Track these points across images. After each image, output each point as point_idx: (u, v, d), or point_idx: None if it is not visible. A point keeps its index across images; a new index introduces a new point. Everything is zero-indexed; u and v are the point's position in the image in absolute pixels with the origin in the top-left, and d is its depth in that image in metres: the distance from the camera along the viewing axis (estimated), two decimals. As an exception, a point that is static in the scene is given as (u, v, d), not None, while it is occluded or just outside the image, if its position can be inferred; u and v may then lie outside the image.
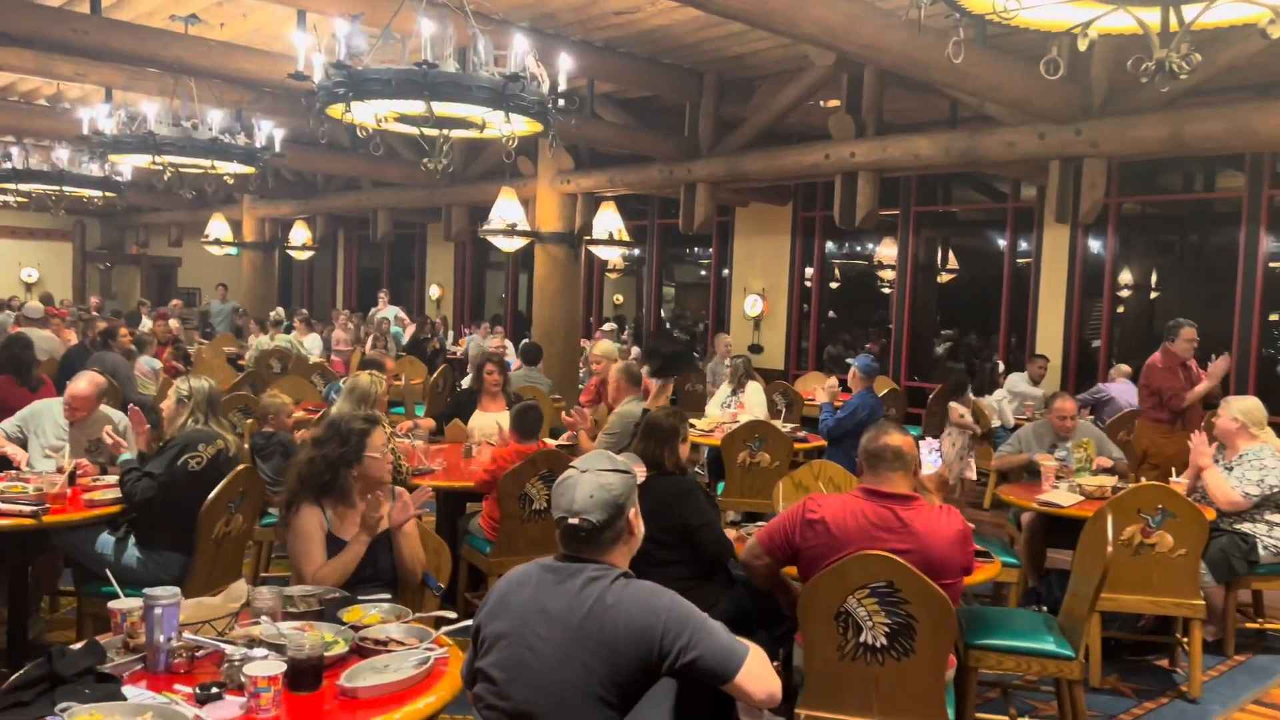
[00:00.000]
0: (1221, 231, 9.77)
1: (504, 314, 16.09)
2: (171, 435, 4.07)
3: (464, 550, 4.85)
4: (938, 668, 3.02)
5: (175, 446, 3.98)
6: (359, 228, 17.17)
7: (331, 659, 2.39)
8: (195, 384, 4.19)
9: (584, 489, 2.22)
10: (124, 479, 3.95)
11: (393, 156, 11.26)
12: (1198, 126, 5.98)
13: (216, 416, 4.21)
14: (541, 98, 4.68)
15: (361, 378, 5.23)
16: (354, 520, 3.21)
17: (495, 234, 9.41)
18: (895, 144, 7.50)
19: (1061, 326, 9.73)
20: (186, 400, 4.12)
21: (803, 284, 12.19)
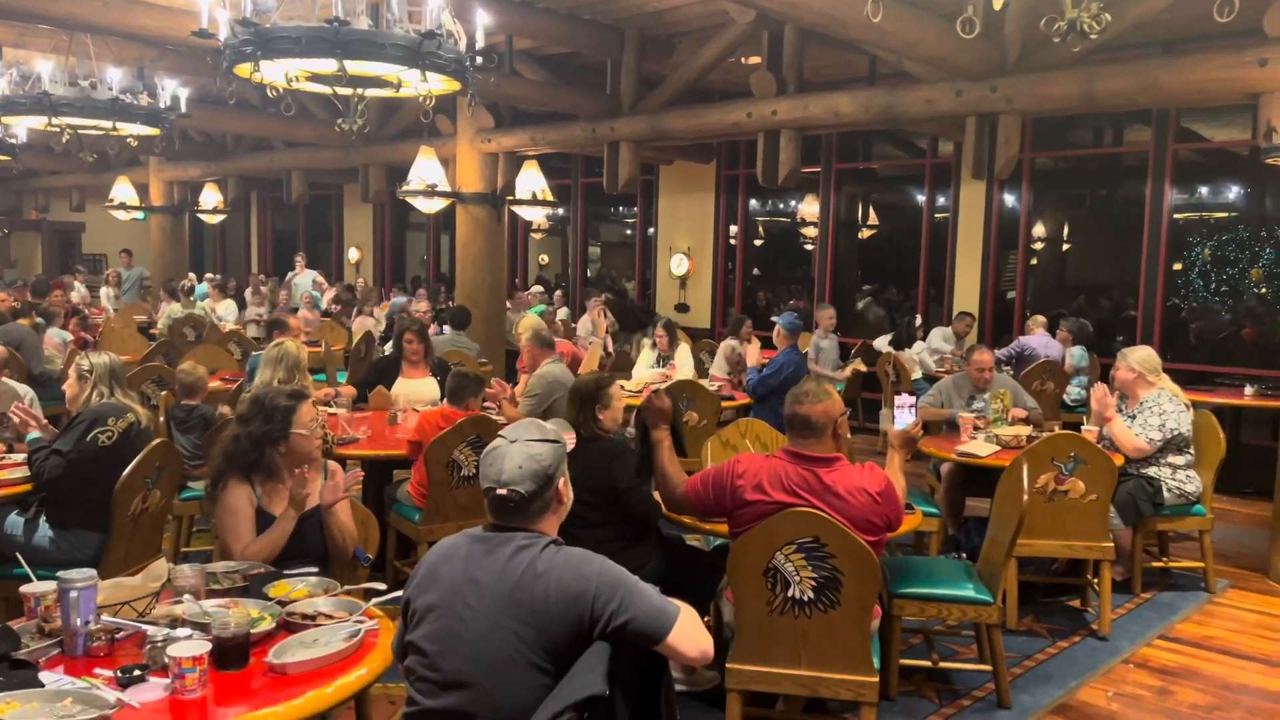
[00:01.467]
0: (1129, 185, 10.06)
1: (425, 277, 15.84)
2: (78, 411, 3.94)
3: (392, 519, 4.80)
4: (863, 618, 3.10)
5: (83, 421, 3.85)
6: (272, 189, 16.70)
7: (258, 635, 2.36)
8: (95, 359, 4.05)
9: (513, 459, 2.20)
10: (32, 457, 3.81)
11: (305, 116, 10.92)
12: (1107, 83, 6.12)
13: (123, 389, 4.08)
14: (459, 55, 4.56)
15: (288, 344, 5.11)
16: (284, 496, 3.15)
17: (415, 195, 9.21)
18: (816, 102, 7.53)
19: (978, 280, 9.97)
20: (88, 375, 3.98)
21: (727, 242, 12.24)
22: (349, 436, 4.93)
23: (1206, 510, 5.10)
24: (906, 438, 3.66)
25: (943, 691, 3.93)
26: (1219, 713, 3.84)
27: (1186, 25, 6.87)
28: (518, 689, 2.07)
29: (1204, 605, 5.01)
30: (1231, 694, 4.01)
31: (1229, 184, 10.41)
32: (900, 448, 3.64)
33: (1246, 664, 4.31)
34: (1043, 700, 3.89)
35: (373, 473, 5.33)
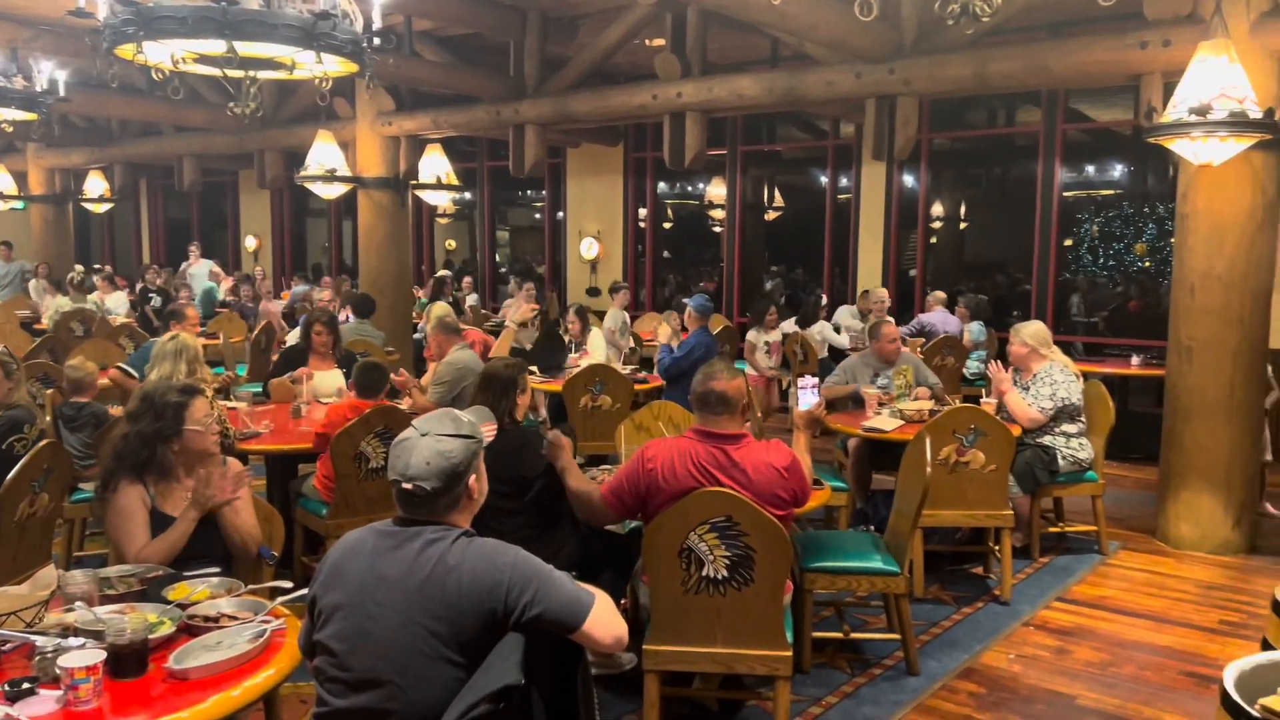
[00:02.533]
0: (1021, 164, 10.42)
1: (328, 264, 15.46)
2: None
3: (298, 514, 4.68)
4: (776, 594, 3.15)
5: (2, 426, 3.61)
6: (163, 177, 16.02)
7: (157, 640, 2.28)
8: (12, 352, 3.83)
9: (421, 454, 2.15)
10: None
11: (196, 99, 10.51)
12: (999, 65, 6.30)
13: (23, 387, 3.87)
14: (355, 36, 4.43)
15: (184, 335, 4.92)
16: (180, 495, 3.03)
17: (313, 180, 8.94)
18: (720, 84, 7.57)
19: (881, 258, 10.20)
20: (14, 371, 3.74)
21: (637, 225, 12.25)
22: (251, 431, 4.78)
23: (1098, 476, 5.33)
24: (810, 417, 3.74)
25: (854, 661, 4.03)
26: (1112, 669, 4.02)
27: (1073, 9, 7.11)
28: (431, 684, 2.04)
29: (1097, 567, 5.24)
30: (1124, 650, 4.20)
31: (1114, 162, 10.88)
32: (805, 427, 3.72)
33: (1137, 621, 4.53)
34: (949, 665, 4.02)
35: (277, 467, 5.19)
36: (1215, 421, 5.43)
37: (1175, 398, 5.61)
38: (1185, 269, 5.50)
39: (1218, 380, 5.41)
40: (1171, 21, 5.50)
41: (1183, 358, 5.53)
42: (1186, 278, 5.49)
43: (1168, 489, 5.66)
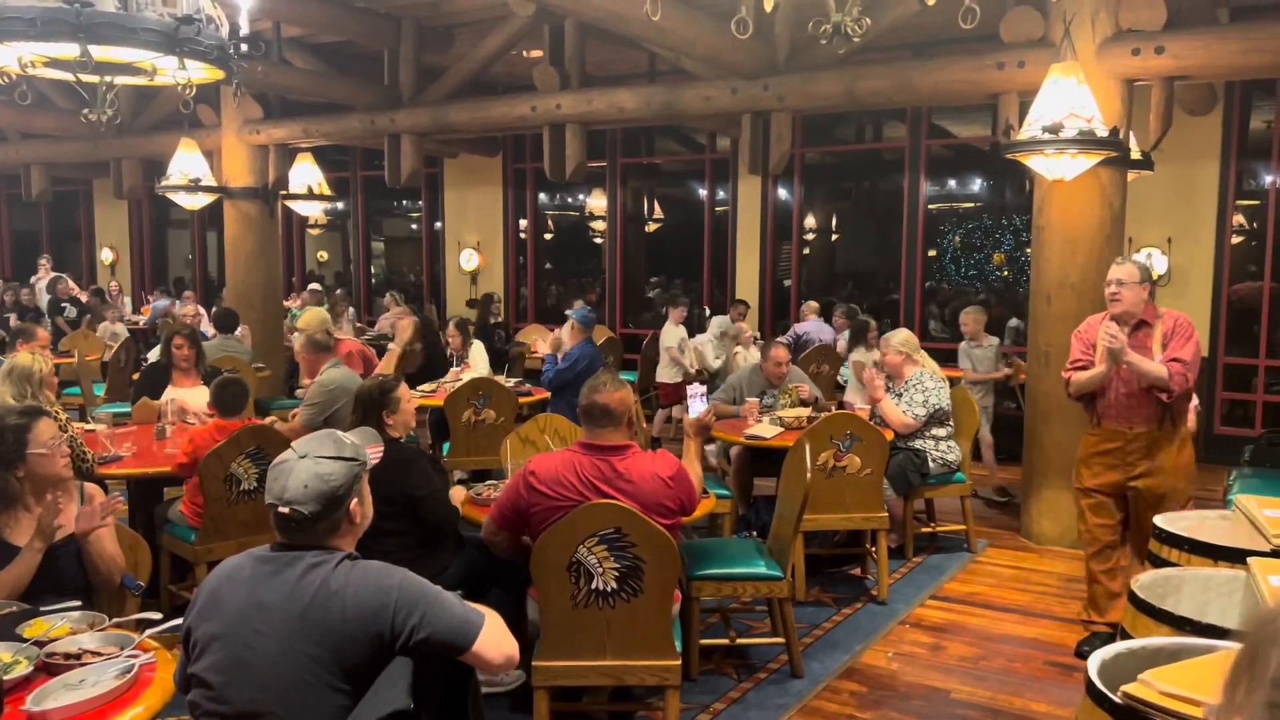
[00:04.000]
0: (889, 178, 10.83)
1: (191, 278, 14.81)
2: None
3: (165, 540, 4.46)
4: (664, 604, 3.17)
5: None
6: (8, 185, 15.05)
7: (12, 681, 2.13)
8: None
9: (298, 477, 2.07)
10: None
11: (44, 104, 9.93)
12: (867, 83, 6.53)
13: None
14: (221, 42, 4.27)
15: (20, 356, 4.60)
16: (30, 524, 2.84)
17: (175, 190, 8.54)
18: (599, 97, 7.61)
19: (757, 269, 10.42)
20: None
21: (518, 236, 12.18)
22: (111, 454, 4.53)
23: (966, 477, 5.57)
24: (700, 425, 3.77)
25: (740, 667, 4.09)
26: (984, 662, 4.20)
27: (936, 30, 7.44)
28: (314, 714, 1.97)
29: (968, 564, 5.47)
30: (994, 644, 4.40)
31: (975, 177, 11.43)
32: (695, 435, 3.76)
33: (1006, 615, 4.74)
34: (832, 666, 4.12)
35: (141, 492, 4.93)
36: (1072, 422, 5.72)
37: (1035, 400, 5.92)
38: (1042, 279, 5.81)
39: (1072, 383, 5.73)
40: (1025, 44, 5.82)
41: (1041, 362, 5.84)
42: (1043, 287, 5.80)
43: (1030, 487, 5.96)
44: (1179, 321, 3.97)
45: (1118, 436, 4.04)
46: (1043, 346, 5.81)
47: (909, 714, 3.75)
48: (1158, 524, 3.07)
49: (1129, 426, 4.01)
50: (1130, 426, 4.01)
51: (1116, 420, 4.03)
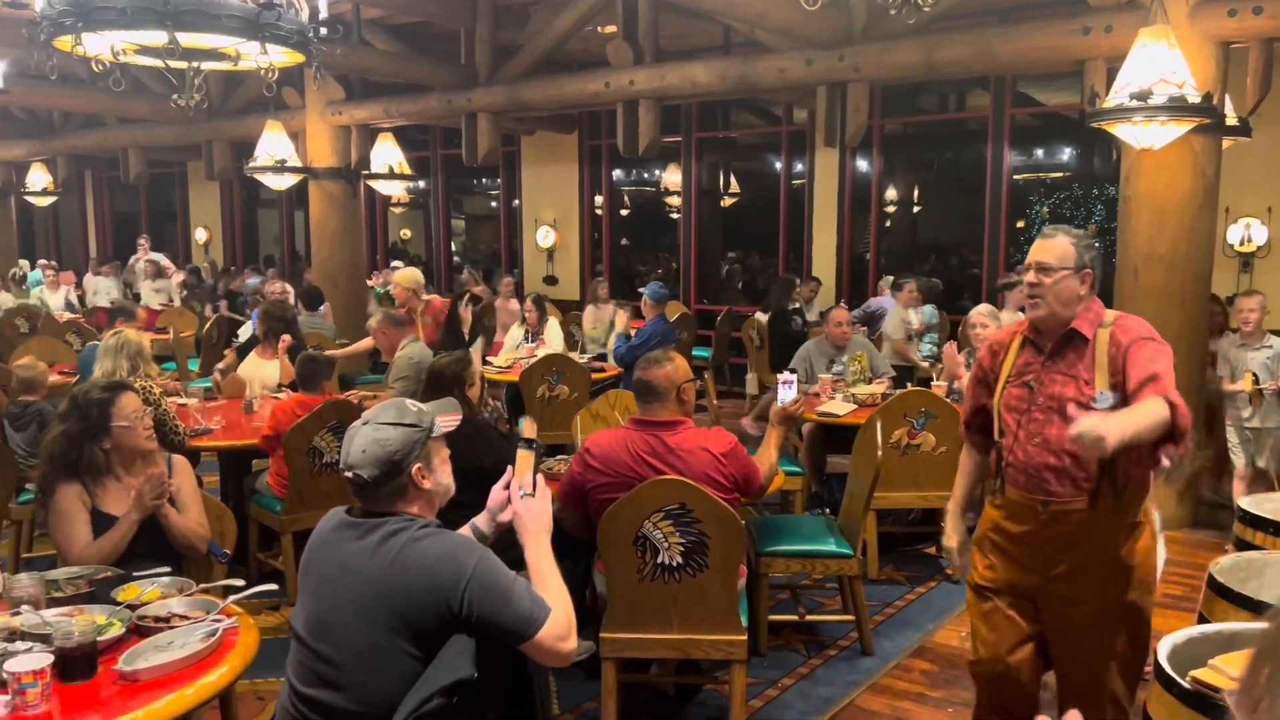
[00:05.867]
0: (972, 148, 10.55)
1: (280, 256, 15.25)
2: None
3: (253, 510, 4.64)
4: (730, 579, 3.19)
5: None
6: (109, 168, 15.68)
7: (106, 642, 2.25)
8: None
9: (359, 443, 2.15)
10: None
11: (140, 90, 10.29)
12: (946, 51, 6.37)
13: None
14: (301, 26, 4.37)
15: (128, 333, 4.83)
16: (120, 493, 2.99)
17: (263, 172, 8.81)
18: (673, 71, 7.57)
19: (834, 243, 10.28)
20: None
21: (593, 212, 12.22)
22: (202, 427, 4.73)
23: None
24: (784, 415, 3.67)
25: (810, 643, 4.08)
26: (1060, 643, 4.12)
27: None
28: (387, 676, 2.04)
29: (1046, 544, 5.34)
30: (1071, 625, 4.30)
31: (1063, 145, 11.05)
32: (779, 424, 3.61)
33: (1084, 596, 4.63)
34: (903, 645, 4.09)
35: (230, 464, 5.14)
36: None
37: (1120, 377, 5.73)
38: (1129, 252, 5.61)
39: (1160, 360, 5.53)
40: (1114, 8, 5.60)
41: (1127, 338, 5.64)
42: (1130, 260, 5.60)
43: (1114, 466, 5.78)
44: (1134, 331, 2.53)
45: (1026, 514, 2.60)
46: (1129, 321, 5.62)
47: (981, 694, 3.70)
48: (1243, 506, 2.97)
49: (1043, 497, 2.55)
50: (1045, 497, 2.55)
51: (1026, 486, 2.58)
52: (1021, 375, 2.61)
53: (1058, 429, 2.49)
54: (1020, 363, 2.64)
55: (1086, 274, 2.56)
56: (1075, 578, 2.56)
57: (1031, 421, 2.56)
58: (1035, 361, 2.60)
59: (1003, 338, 2.76)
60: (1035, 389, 2.57)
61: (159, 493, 2.97)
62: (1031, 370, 2.60)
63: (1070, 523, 2.54)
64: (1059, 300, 2.54)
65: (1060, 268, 2.54)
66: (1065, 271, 2.54)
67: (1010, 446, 2.61)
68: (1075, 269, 2.55)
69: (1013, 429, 2.61)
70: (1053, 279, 2.54)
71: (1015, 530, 2.64)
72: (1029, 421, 2.57)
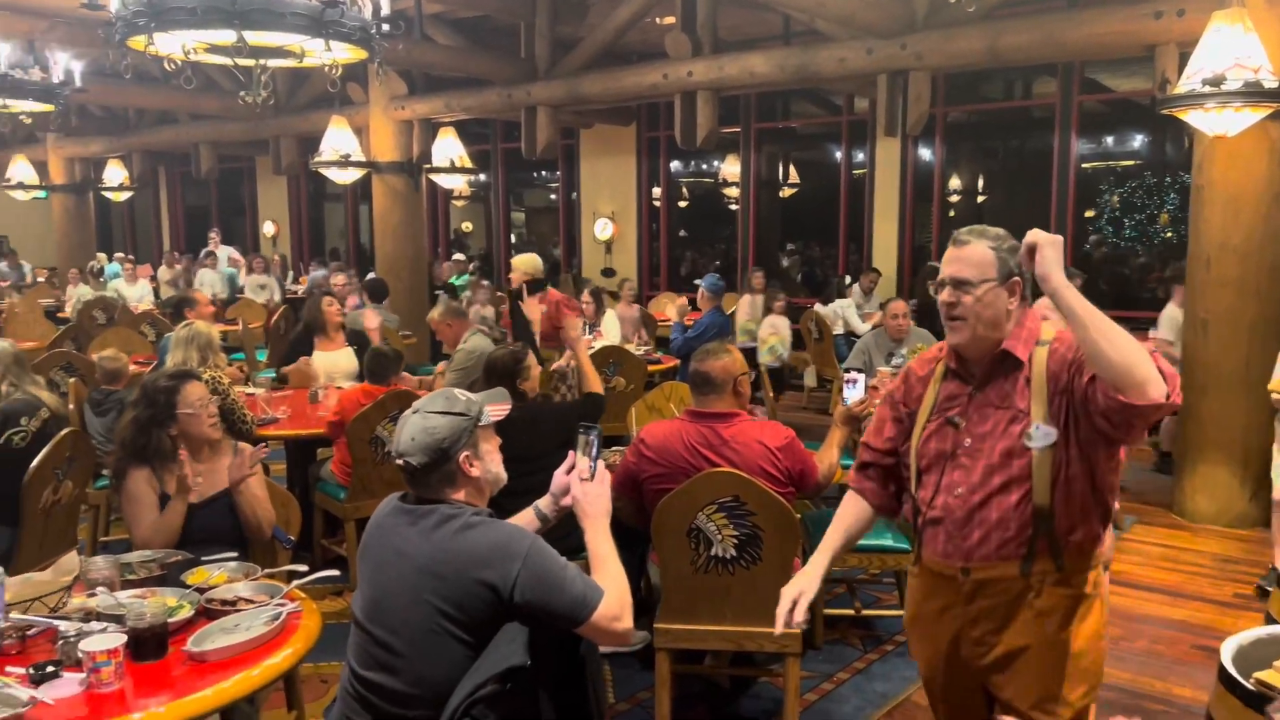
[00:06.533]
0: (1039, 136, 10.31)
1: (345, 249, 15.54)
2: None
3: (318, 498, 4.75)
4: (784, 572, 3.16)
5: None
6: (181, 164, 16.14)
7: (176, 624, 2.33)
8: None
9: (408, 430, 2.21)
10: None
11: (210, 87, 10.57)
12: (1011, 38, 6.24)
13: (30, 378, 3.94)
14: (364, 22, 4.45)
15: (199, 324, 4.98)
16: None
17: (328, 166, 9.00)
18: (731, 62, 7.54)
19: (896, 234, 10.15)
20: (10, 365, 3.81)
21: (651, 204, 12.23)
22: (269, 416, 4.85)
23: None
24: (848, 415, 3.62)
25: (866, 638, 4.06)
26: (1124, 643, 4.03)
27: (1087, -21, 7.02)
28: (439, 660, 2.08)
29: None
30: (1137, 624, 4.21)
31: (1135, 133, 10.74)
32: (843, 424, 3.56)
33: (1150, 595, 4.53)
34: (961, 640, 4.03)
35: (296, 452, 5.27)
36: (1231, 395, 5.40)
37: (1191, 371, 5.57)
38: (1201, 241, 5.46)
39: (1234, 354, 5.38)
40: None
41: (1198, 331, 5.50)
42: (1202, 250, 5.44)
43: (1184, 462, 5.64)
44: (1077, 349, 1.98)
45: (946, 587, 2.16)
46: (1200, 314, 5.47)
47: (1041, 693, 3.64)
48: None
49: (964, 562, 2.11)
50: (966, 563, 2.11)
51: (945, 551, 2.14)
52: (945, 411, 2.15)
53: (984, 475, 2.06)
54: (943, 396, 2.16)
55: (1015, 283, 2.08)
56: (1008, 669, 2.09)
57: (956, 468, 2.11)
58: (962, 394, 2.13)
59: (922, 366, 2.28)
60: (961, 427, 2.11)
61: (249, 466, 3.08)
62: (957, 404, 2.13)
63: (998, 595, 2.08)
64: (984, 321, 2.06)
65: (982, 280, 2.05)
66: (989, 284, 2.05)
67: (929, 500, 2.15)
68: (1000, 279, 2.06)
69: (933, 478, 2.14)
70: (974, 296, 2.05)
71: (935, 608, 2.17)
72: (953, 468, 2.11)
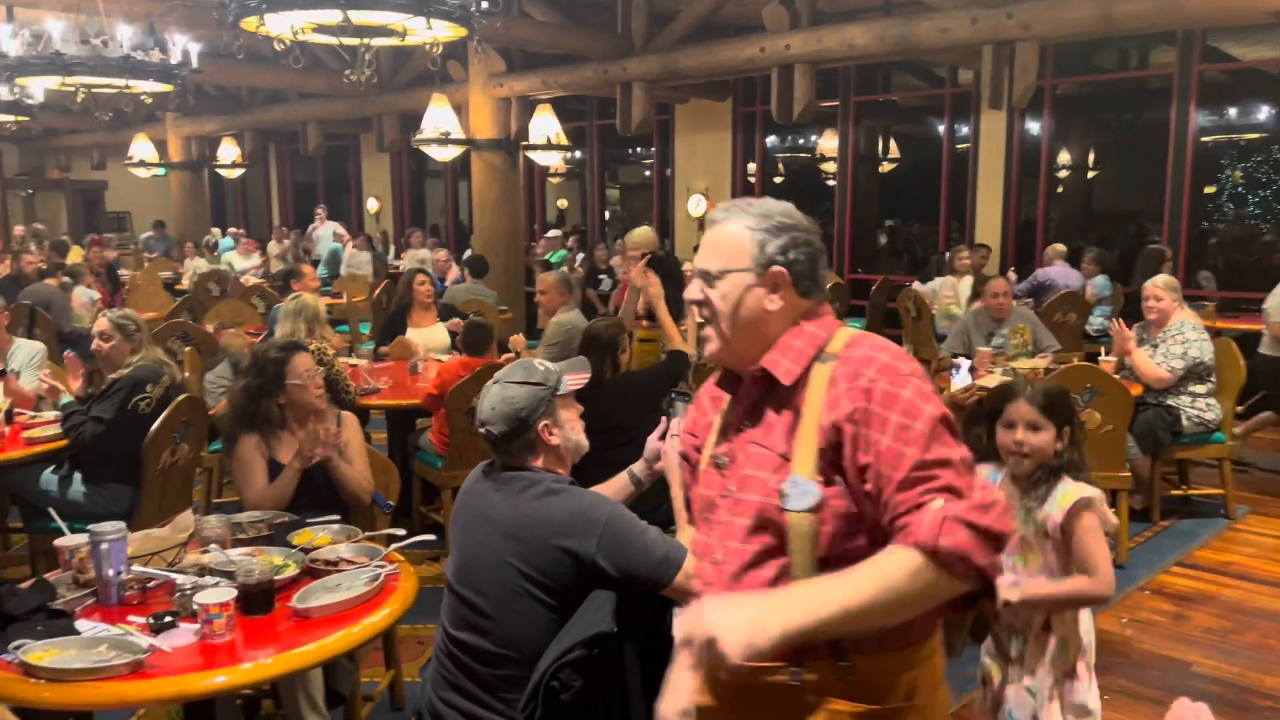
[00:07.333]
0: (1156, 108, 9.85)
1: (444, 225, 15.84)
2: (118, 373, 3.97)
3: (416, 466, 4.89)
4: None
5: (122, 388, 3.87)
6: (290, 142, 16.68)
7: (283, 581, 2.44)
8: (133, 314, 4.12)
9: (489, 400, 2.30)
10: (67, 421, 3.88)
11: (318, 66, 10.89)
12: (1126, 5, 5.97)
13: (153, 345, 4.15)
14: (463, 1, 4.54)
15: (306, 297, 5.16)
16: (293, 445, 3.23)
17: (429, 143, 9.20)
18: (830, 34, 7.40)
19: (1000, 210, 9.84)
20: (134, 333, 4.01)
21: (746, 180, 12.12)
22: (371, 386, 5.01)
23: (1227, 438, 5.09)
24: (953, 402, 3.56)
25: (958, 621, 3.98)
26: (1233, 636, 3.88)
27: (1212, -59, 6.65)
28: (524, 622, 2.15)
29: (1223, 532, 5.02)
30: (1247, 618, 4.04)
31: (1259, 104, 10.16)
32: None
33: (1263, 588, 4.33)
34: (1058, 628, 3.94)
35: (396, 421, 5.43)
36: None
37: (1315, 356, 5.29)
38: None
39: (1364, 337, 5.08)
40: (1321, -50, 5.11)
41: (1325, 313, 5.20)
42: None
43: (1305, 452, 5.36)
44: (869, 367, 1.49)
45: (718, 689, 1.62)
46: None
47: (1142, 683, 3.54)
48: None
49: None
50: None
51: None
52: (718, 445, 1.66)
53: (743, 539, 1.56)
54: (723, 425, 1.67)
55: (778, 274, 1.56)
56: None
57: (717, 524, 1.62)
58: (733, 423, 1.64)
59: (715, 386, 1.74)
60: (726, 468, 1.61)
61: (314, 444, 3.19)
62: (728, 438, 1.64)
63: (765, 709, 1.54)
64: (734, 325, 1.57)
65: (725, 271, 1.57)
66: (739, 276, 1.56)
67: (703, 571, 1.66)
68: (756, 269, 1.56)
69: (701, 536, 1.68)
70: (721, 291, 1.57)
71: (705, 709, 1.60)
72: (714, 524, 1.63)
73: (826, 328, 1.59)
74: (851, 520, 1.49)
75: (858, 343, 1.55)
